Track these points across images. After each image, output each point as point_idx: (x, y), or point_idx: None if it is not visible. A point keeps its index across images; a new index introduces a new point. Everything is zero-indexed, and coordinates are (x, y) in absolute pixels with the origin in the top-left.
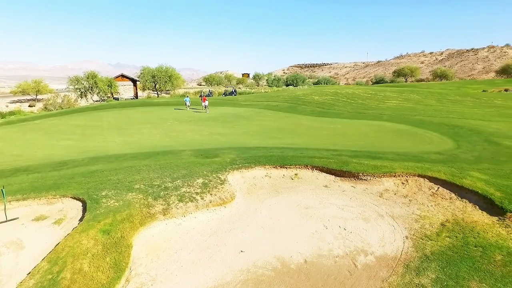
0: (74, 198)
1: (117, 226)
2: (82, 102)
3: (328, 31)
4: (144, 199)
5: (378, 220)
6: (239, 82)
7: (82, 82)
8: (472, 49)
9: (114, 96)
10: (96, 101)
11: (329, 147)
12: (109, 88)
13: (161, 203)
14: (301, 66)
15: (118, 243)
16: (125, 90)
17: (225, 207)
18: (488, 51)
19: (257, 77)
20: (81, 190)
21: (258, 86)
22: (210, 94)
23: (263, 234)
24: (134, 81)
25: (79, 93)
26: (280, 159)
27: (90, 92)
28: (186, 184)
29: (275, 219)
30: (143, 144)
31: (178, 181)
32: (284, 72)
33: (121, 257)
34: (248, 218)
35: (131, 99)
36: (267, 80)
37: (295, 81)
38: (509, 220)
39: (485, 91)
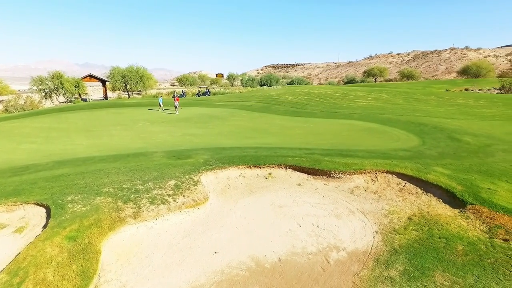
0: (37, 204)
1: (84, 232)
2: (47, 104)
3: (301, 32)
4: (113, 203)
5: (350, 216)
6: (213, 82)
7: (47, 82)
8: (436, 50)
9: (82, 97)
10: (62, 102)
11: (302, 146)
12: (77, 89)
13: (131, 206)
14: (275, 67)
15: (86, 249)
16: (94, 91)
17: (199, 208)
18: (450, 52)
19: (231, 77)
20: (44, 196)
21: (232, 86)
22: (183, 94)
23: (237, 234)
24: (103, 82)
25: (43, 94)
26: (254, 158)
27: (55, 93)
28: (157, 186)
29: (250, 219)
30: (112, 146)
31: (150, 183)
32: (258, 73)
33: (89, 264)
34: (222, 219)
35: (100, 100)
36: (241, 80)
37: (269, 81)
38: (469, 212)
39: (447, 90)
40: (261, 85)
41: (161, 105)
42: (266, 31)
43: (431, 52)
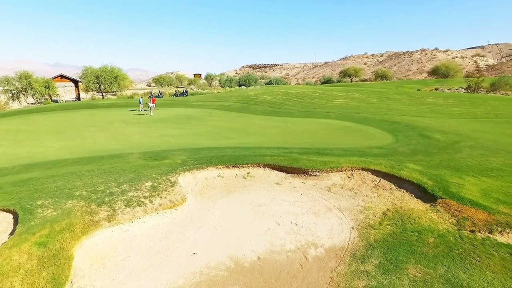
0: (3, 210)
1: (55, 237)
2: (15, 105)
3: (279, 32)
4: (86, 206)
5: (327, 213)
6: (190, 82)
7: (14, 83)
8: (408, 51)
9: (52, 98)
10: (32, 104)
11: (280, 145)
12: (47, 89)
13: (105, 209)
14: (253, 67)
15: (57, 255)
16: (66, 92)
17: (176, 209)
18: (421, 53)
19: (209, 78)
20: (11, 201)
21: (210, 86)
22: (160, 95)
23: (216, 234)
24: (75, 82)
25: (10, 95)
26: (233, 158)
27: (23, 94)
28: (133, 188)
29: (228, 218)
30: (86, 148)
31: (125, 185)
32: (236, 73)
33: (60, 270)
34: (201, 220)
35: (73, 101)
36: (219, 80)
37: (247, 82)
38: (439, 205)
39: (419, 90)
40: (240, 85)
41: (141, 105)
42: (245, 31)
43: (403, 53)
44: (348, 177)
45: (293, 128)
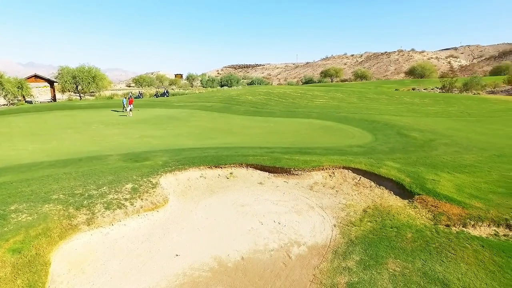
0: None
1: (31, 243)
2: None
3: (260, 32)
4: (64, 210)
5: (309, 212)
6: (172, 83)
7: None
8: (386, 52)
9: (26, 99)
10: (3, 105)
11: (263, 145)
12: (20, 90)
13: (84, 212)
14: (235, 67)
15: (33, 261)
16: (41, 93)
17: (158, 211)
18: (398, 54)
19: (190, 78)
20: None
21: (192, 87)
22: (140, 95)
23: (199, 235)
24: (51, 83)
25: None
26: (215, 159)
27: None
28: (113, 190)
29: (211, 219)
30: (63, 150)
31: (104, 188)
32: (218, 73)
33: (37, 277)
34: (183, 221)
35: (48, 102)
36: (201, 80)
37: (229, 82)
38: (416, 201)
39: (397, 90)
40: (222, 86)
41: (125, 105)
42: (227, 31)
43: (381, 53)
44: (330, 175)
45: (275, 128)
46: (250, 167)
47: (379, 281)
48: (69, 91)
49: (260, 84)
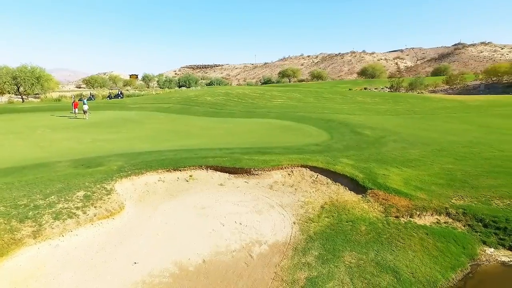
0: None
1: None
2: None
3: (218, 32)
4: (5, 224)
5: (270, 210)
6: (126, 84)
7: None
8: (340, 53)
9: None
10: None
11: (223, 146)
12: None
13: (30, 225)
14: (193, 67)
15: None
16: None
17: (114, 219)
18: (351, 55)
19: (146, 79)
20: None
21: (148, 88)
22: (91, 97)
23: (158, 241)
24: None
25: None
26: (174, 162)
27: None
28: (63, 199)
29: (171, 223)
30: (3, 158)
31: (53, 197)
32: (176, 73)
33: None
34: (141, 227)
35: None
36: (158, 81)
37: (187, 82)
38: (369, 196)
39: (350, 89)
40: (180, 86)
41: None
42: (183, 30)
43: (335, 54)
44: (289, 174)
45: (235, 129)
46: (210, 169)
47: (336, 274)
48: (9, 93)
49: (219, 84)
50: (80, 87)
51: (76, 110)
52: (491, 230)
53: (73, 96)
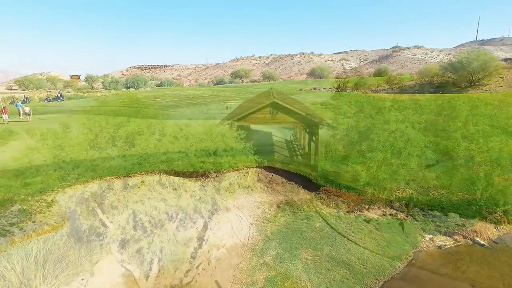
0: None
1: None
2: None
3: (168, 31)
4: None
5: (227, 213)
6: (67, 85)
7: None
8: (289, 54)
9: None
10: None
11: (176, 149)
12: None
13: None
14: (141, 68)
15: None
16: None
17: (56, 233)
18: (300, 57)
19: (90, 80)
20: None
21: (92, 89)
22: (26, 100)
23: (109, 253)
24: None
25: None
26: (123, 168)
27: None
28: None
29: (124, 233)
30: None
31: None
32: (123, 74)
33: None
34: (89, 239)
35: None
36: (103, 82)
37: (136, 83)
38: (322, 193)
39: (301, 90)
40: (127, 88)
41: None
42: (131, 28)
43: (286, 55)
44: (244, 175)
45: (188, 131)
46: (163, 173)
47: (294, 272)
48: None
49: (170, 85)
50: (11, 89)
51: (6, 116)
52: (429, 218)
53: (13, 98)
